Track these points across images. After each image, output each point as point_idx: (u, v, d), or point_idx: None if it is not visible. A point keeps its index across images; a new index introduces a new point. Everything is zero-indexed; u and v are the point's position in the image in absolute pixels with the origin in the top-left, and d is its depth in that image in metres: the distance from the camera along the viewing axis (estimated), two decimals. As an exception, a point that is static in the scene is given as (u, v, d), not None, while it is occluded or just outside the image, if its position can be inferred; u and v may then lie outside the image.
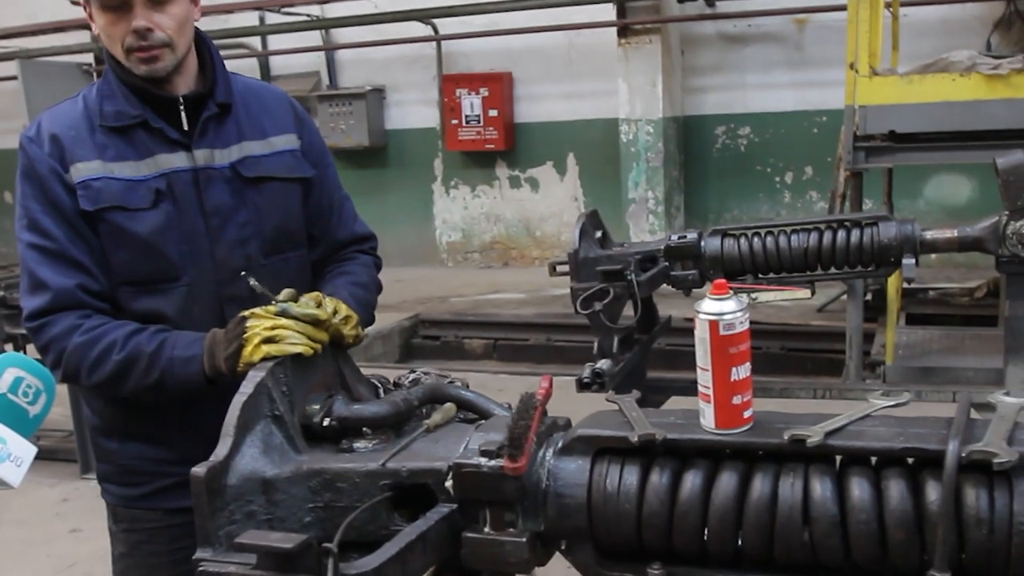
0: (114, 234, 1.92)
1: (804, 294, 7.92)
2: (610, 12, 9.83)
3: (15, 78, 10.78)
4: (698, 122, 10.29)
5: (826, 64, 8.89)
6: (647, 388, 2.55)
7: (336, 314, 1.77)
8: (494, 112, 10.76)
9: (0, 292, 5.37)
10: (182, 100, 1.97)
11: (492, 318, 8.56)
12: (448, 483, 1.44)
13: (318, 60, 11.59)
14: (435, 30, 10.75)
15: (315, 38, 11.36)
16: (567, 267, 2.37)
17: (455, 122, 10.91)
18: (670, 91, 9.95)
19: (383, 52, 11.08)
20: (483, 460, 1.41)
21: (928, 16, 8.64)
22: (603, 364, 2.27)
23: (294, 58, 11.49)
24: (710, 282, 1.71)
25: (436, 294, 9.77)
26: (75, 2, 11.14)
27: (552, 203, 11.03)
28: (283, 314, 1.73)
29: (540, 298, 9.19)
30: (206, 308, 1.99)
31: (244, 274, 1.85)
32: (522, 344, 8.05)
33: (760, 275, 2.38)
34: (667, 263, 2.39)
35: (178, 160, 1.97)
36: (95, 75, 10.96)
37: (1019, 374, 2.42)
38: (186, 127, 1.98)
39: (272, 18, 11.02)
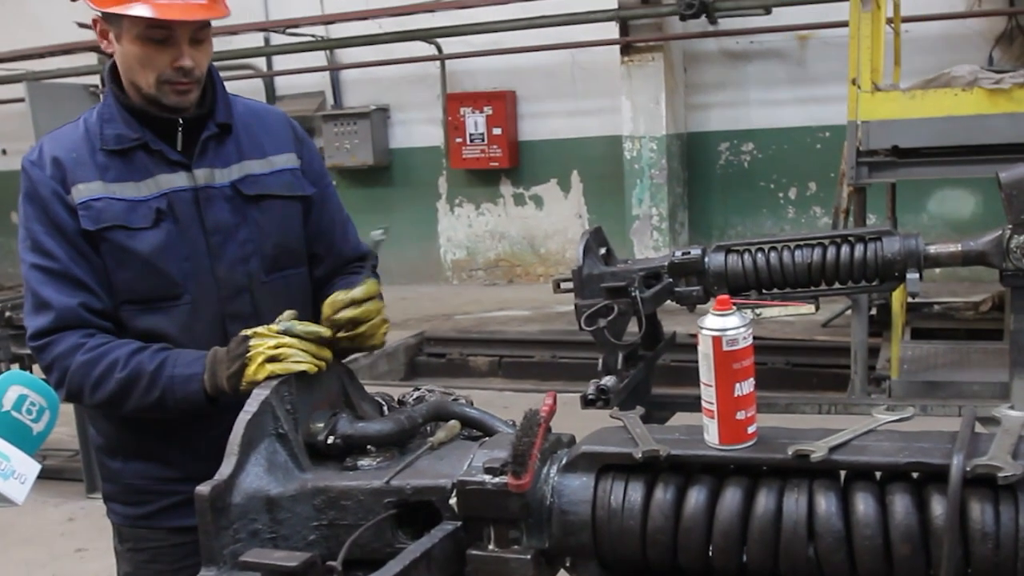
0: (116, 253, 1.94)
1: (808, 309, 7.91)
2: (613, 30, 9.87)
3: (23, 100, 10.87)
4: (701, 139, 10.31)
5: (829, 80, 8.91)
6: (652, 404, 2.55)
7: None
8: (498, 130, 10.79)
9: (7, 312, 5.38)
10: (181, 121, 1.99)
11: (497, 335, 8.56)
12: (452, 500, 1.44)
13: (323, 80, 11.64)
14: (439, 49, 10.80)
15: (320, 58, 11.42)
16: (571, 284, 2.38)
17: (459, 140, 10.95)
18: (673, 108, 9.97)
19: (387, 72, 11.12)
20: (487, 477, 1.41)
21: (930, 32, 8.66)
22: (608, 381, 2.28)
23: (299, 78, 11.55)
24: (714, 298, 1.71)
25: (441, 312, 9.77)
26: (83, 25, 11.25)
27: (556, 220, 11.04)
28: (287, 332, 1.74)
29: (545, 315, 9.19)
30: (208, 326, 2.00)
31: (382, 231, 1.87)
32: (527, 361, 8.05)
33: (764, 291, 2.38)
34: (671, 279, 2.39)
35: (179, 180, 1.99)
36: (101, 96, 11.01)
37: (1025, 388, 2.41)
38: (180, 147, 2.00)
39: (277, 39, 11.08)
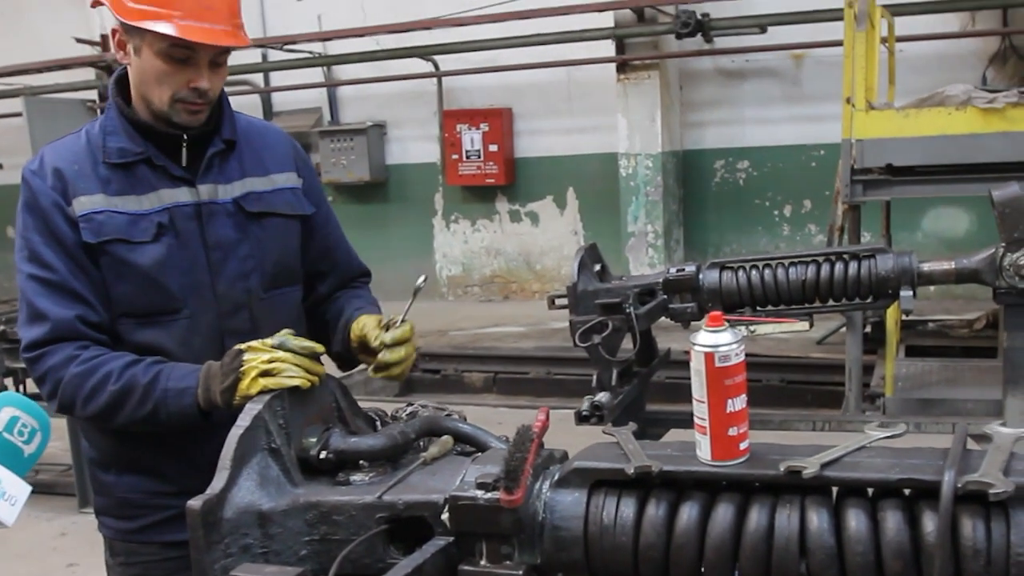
0: (116, 266, 1.94)
1: (802, 326, 7.92)
2: (609, 48, 9.93)
3: (20, 114, 10.89)
4: (697, 156, 10.35)
5: (823, 99, 8.96)
6: (646, 421, 2.54)
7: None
8: (494, 147, 10.83)
9: (0, 326, 5.37)
10: (185, 137, 2.00)
11: (492, 351, 8.55)
12: (444, 516, 1.44)
13: (320, 96, 11.68)
14: (436, 66, 10.85)
15: (317, 75, 11.46)
16: (566, 300, 2.38)
17: (455, 157, 10.98)
18: (669, 126, 10.02)
19: (384, 88, 11.17)
20: (479, 493, 1.41)
21: (924, 51, 8.72)
22: (602, 397, 2.27)
23: (296, 94, 11.58)
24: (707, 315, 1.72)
25: (436, 328, 9.76)
26: (81, 40, 11.30)
27: (552, 237, 11.06)
28: (280, 347, 1.74)
29: (540, 331, 9.19)
30: (206, 341, 1.99)
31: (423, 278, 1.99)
32: (522, 377, 8.04)
33: (758, 308, 2.38)
34: (666, 296, 2.39)
35: (181, 195, 1.99)
36: (99, 112, 11.04)
37: (1018, 405, 2.41)
38: (185, 163, 2.00)
39: (274, 55, 11.13)
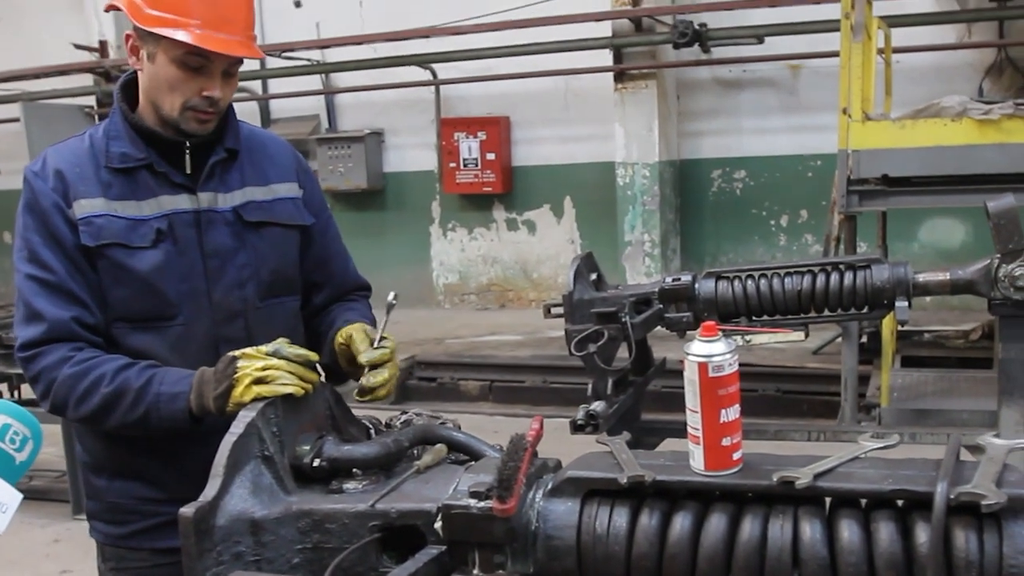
0: (113, 270, 1.94)
1: (797, 336, 7.92)
2: (607, 57, 9.94)
3: (17, 120, 10.89)
4: (694, 166, 10.36)
5: (820, 109, 8.98)
6: (641, 430, 2.54)
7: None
8: (492, 155, 10.83)
9: (-4, 331, 5.36)
10: (188, 144, 2.00)
11: (488, 360, 8.54)
12: (437, 524, 1.44)
13: (318, 104, 11.69)
14: (434, 75, 10.86)
15: (315, 82, 11.47)
16: (562, 309, 2.38)
17: (453, 165, 10.98)
18: (666, 135, 10.03)
19: (382, 96, 11.18)
20: (472, 501, 1.40)
21: (921, 62, 8.74)
22: (597, 406, 2.27)
23: (294, 101, 11.59)
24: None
25: (432, 336, 9.76)
26: (80, 46, 11.31)
27: (549, 245, 11.06)
28: (275, 354, 1.74)
29: (536, 340, 9.18)
30: (201, 348, 1.99)
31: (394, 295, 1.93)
32: (518, 386, 8.02)
33: (754, 318, 2.39)
34: (661, 305, 2.39)
35: (181, 202, 2.00)
36: (96, 118, 11.05)
37: (1012, 416, 2.42)
38: (189, 170, 2.01)
39: (272, 62, 11.13)
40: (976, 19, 8.89)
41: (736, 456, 1.37)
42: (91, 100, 11.41)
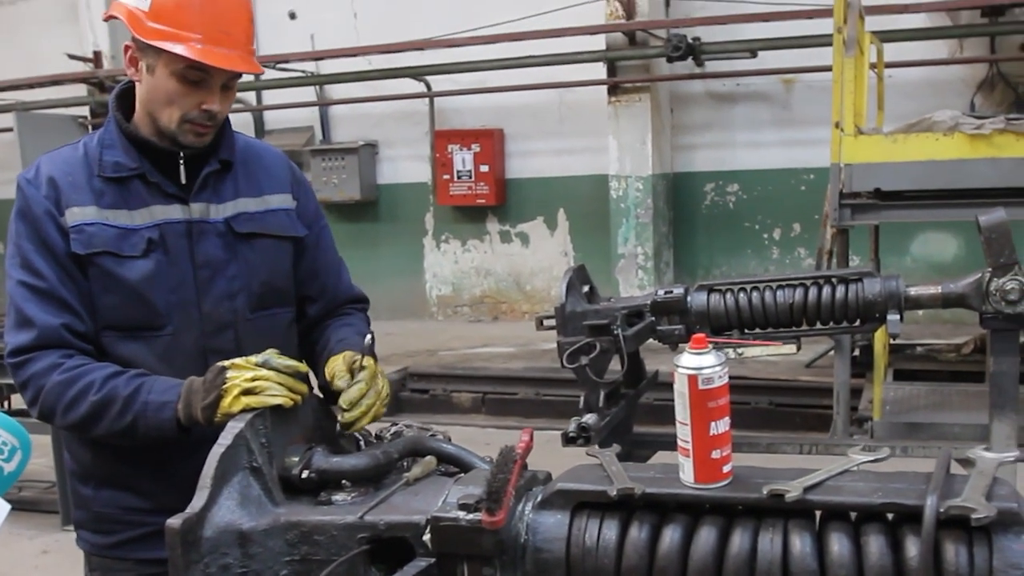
0: (103, 278, 1.94)
1: (789, 349, 7.91)
2: (601, 71, 9.97)
3: (11, 130, 10.88)
4: (687, 179, 10.39)
5: (813, 123, 9.00)
6: (633, 443, 2.53)
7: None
8: (485, 167, 10.84)
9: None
10: (182, 155, 2.00)
11: (481, 372, 8.53)
12: (426, 537, 1.43)
13: (312, 115, 11.70)
14: (428, 87, 10.88)
15: (309, 94, 11.49)
16: (554, 321, 2.37)
17: (447, 177, 10.99)
18: (659, 148, 10.06)
19: (376, 108, 11.20)
20: (461, 514, 1.40)
21: (913, 77, 8.78)
22: (589, 418, 2.26)
23: (288, 113, 11.60)
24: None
25: (425, 347, 9.74)
26: (74, 56, 11.31)
27: (542, 258, 11.07)
28: (264, 365, 1.73)
29: (529, 352, 9.17)
30: (189, 359, 1.98)
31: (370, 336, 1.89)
32: (511, 398, 8.01)
33: (746, 330, 2.38)
34: (653, 318, 2.39)
35: (173, 212, 2.00)
36: (90, 128, 11.04)
37: (1003, 430, 2.41)
38: (184, 180, 2.01)
39: (267, 74, 11.14)
40: (968, 35, 8.94)
41: (726, 469, 1.37)
42: (85, 110, 11.41)
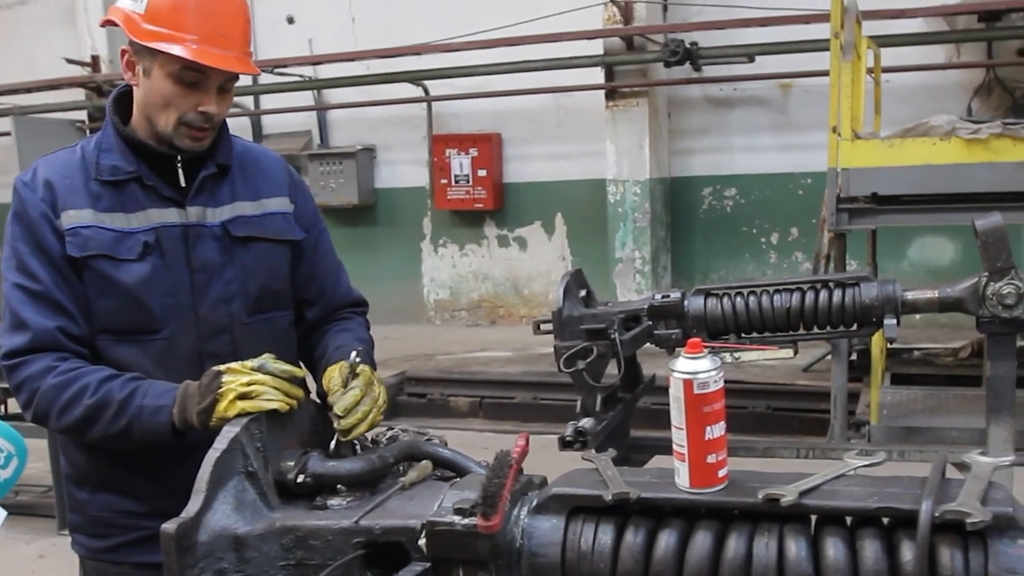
0: (99, 282, 1.94)
1: (786, 354, 7.91)
2: (598, 75, 9.99)
3: (8, 134, 10.88)
4: (685, 183, 10.39)
5: (810, 128, 9.02)
6: (630, 447, 2.53)
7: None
8: (483, 172, 10.85)
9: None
10: (179, 159, 2.00)
11: (478, 376, 8.52)
12: (421, 541, 1.43)
13: (310, 120, 11.70)
14: (426, 91, 10.89)
15: (307, 98, 11.49)
16: (552, 325, 2.37)
17: (444, 181, 11.00)
18: (657, 153, 10.07)
19: (374, 112, 11.20)
20: (457, 518, 1.40)
21: (910, 82, 8.80)
22: (586, 423, 2.26)
23: (286, 117, 11.61)
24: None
25: (423, 352, 9.74)
26: (72, 61, 11.31)
27: (540, 262, 11.07)
28: (260, 369, 1.73)
29: (527, 356, 9.17)
30: (184, 363, 1.98)
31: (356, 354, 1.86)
32: (508, 402, 8.00)
33: (743, 334, 2.38)
34: (651, 322, 2.39)
35: (170, 215, 2.00)
36: (87, 132, 11.04)
37: (1000, 434, 2.41)
38: (183, 183, 2.01)
39: (265, 78, 11.15)
40: (965, 39, 8.95)
41: (721, 473, 1.37)
42: (83, 115, 11.41)
